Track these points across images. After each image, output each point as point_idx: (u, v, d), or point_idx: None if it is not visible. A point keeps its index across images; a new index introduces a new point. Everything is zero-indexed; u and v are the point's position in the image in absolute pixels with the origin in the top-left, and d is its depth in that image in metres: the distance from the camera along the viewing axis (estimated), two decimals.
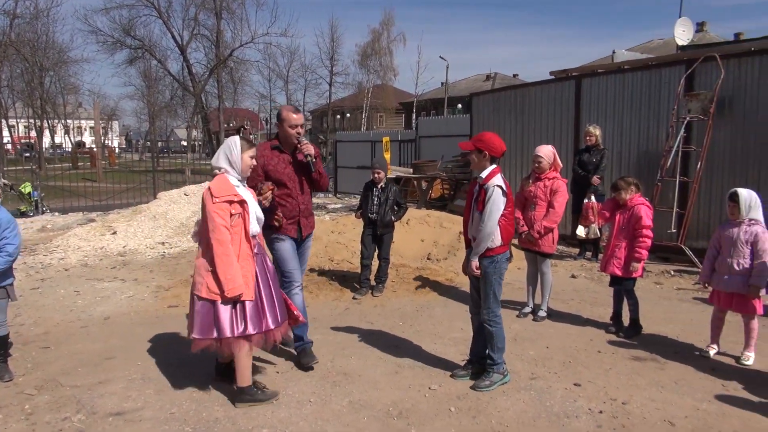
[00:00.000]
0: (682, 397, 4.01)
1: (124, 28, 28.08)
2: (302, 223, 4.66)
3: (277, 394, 3.95)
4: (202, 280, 3.71)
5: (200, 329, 3.72)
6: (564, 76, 10.06)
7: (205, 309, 3.71)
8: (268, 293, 3.88)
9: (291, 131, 4.49)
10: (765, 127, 7.40)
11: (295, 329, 4.54)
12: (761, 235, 4.46)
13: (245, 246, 3.77)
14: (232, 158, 3.80)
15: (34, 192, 15.50)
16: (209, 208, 3.67)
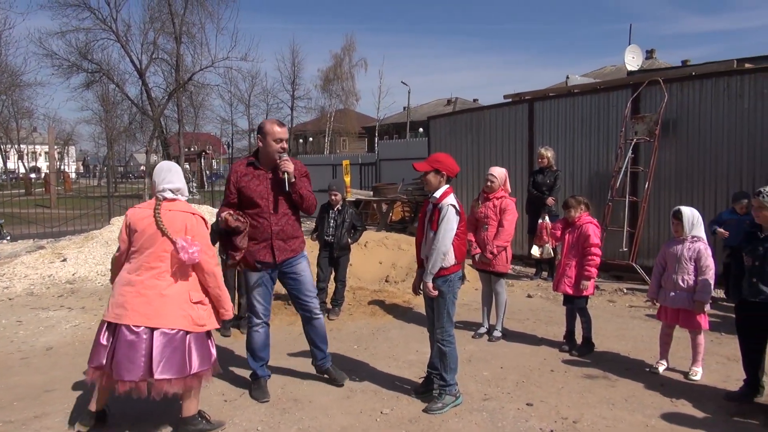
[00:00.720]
0: (632, 413, 4.04)
1: (80, 52, 27.50)
2: (276, 246, 4.24)
3: (223, 424, 3.82)
4: (185, 313, 3.50)
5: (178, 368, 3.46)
6: (517, 100, 10.28)
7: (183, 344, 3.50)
8: None
9: (275, 146, 4.17)
10: (707, 147, 7.68)
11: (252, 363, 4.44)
12: (704, 251, 4.58)
13: None
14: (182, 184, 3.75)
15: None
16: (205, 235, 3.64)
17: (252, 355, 4.43)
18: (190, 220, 3.58)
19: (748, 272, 4.08)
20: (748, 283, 4.06)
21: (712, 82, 7.63)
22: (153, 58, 27.87)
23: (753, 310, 4.04)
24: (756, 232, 4.09)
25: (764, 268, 3.95)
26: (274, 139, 4.19)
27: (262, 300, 4.37)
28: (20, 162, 49.19)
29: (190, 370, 3.49)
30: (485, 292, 5.96)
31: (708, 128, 7.67)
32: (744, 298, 4.11)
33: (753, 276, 4.02)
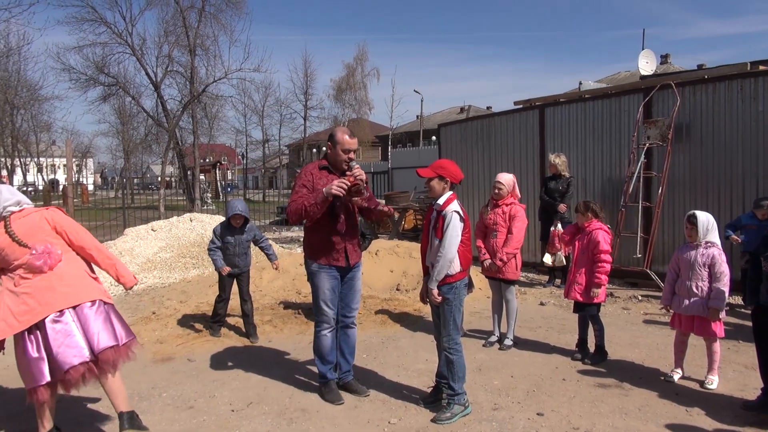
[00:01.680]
0: (645, 423, 3.95)
1: (97, 66, 27.90)
2: (349, 250, 4.38)
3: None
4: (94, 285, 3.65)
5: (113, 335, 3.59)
6: (528, 106, 10.21)
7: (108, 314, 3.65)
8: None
9: (343, 156, 4.25)
10: (721, 151, 7.56)
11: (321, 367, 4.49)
12: (718, 257, 4.48)
13: None
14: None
15: None
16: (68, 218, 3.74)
17: (321, 359, 4.45)
18: (45, 214, 3.64)
19: (766, 277, 3.98)
20: (766, 288, 3.96)
21: (725, 85, 7.51)
22: (168, 70, 28.18)
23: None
24: None
25: None
26: (343, 149, 4.27)
27: (333, 305, 4.42)
28: (39, 175, 49.95)
29: (120, 340, 3.55)
30: (495, 300, 5.89)
31: (722, 132, 7.55)
32: (762, 303, 4.01)
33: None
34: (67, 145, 32.81)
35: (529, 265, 9.69)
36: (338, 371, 4.60)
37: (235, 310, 6.72)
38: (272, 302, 7.48)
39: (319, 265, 4.33)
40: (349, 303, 4.52)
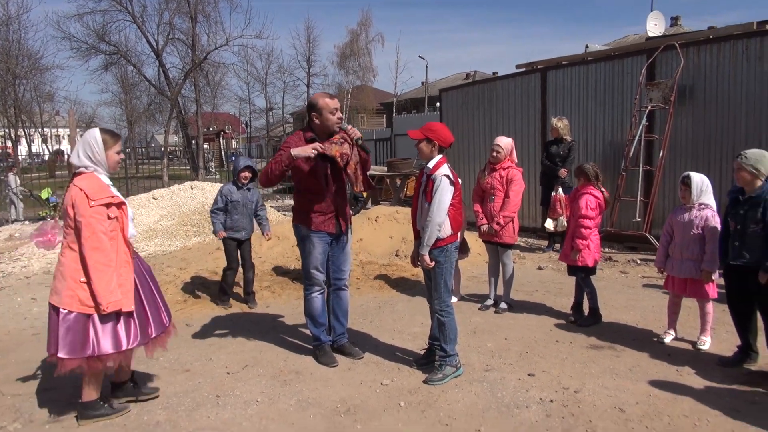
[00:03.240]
0: (635, 383, 3.98)
1: (98, 34, 27.61)
2: (340, 217, 4.39)
3: (126, 408, 3.70)
4: (71, 293, 3.32)
5: (71, 348, 3.33)
6: (530, 69, 10.06)
7: (78, 325, 3.34)
8: (150, 297, 3.63)
9: (333, 118, 4.17)
10: (724, 114, 7.44)
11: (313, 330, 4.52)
12: (711, 219, 4.46)
13: (123, 251, 3.46)
14: (96, 157, 3.44)
15: (52, 198, 15.72)
16: (84, 212, 3.29)
17: (313, 321, 4.49)
18: (72, 191, 3.37)
19: (732, 236, 4.09)
20: (732, 246, 4.07)
21: (730, 45, 7.35)
22: (169, 38, 27.87)
23: (738, 275, 4.06)
24: (739, 197, 4.07)
25: (745, 232, 3.96)
26: (330, 111, 4.19)
27: (323, 269, 4.42)
28: (44, 145, 50.02)
29: (93, 352, 3.35)
30: (492, 263, 5.90)
31: (726, 93, 7.42)
32: (729, 261, 4.11)
33: (735, 240, 4.04)
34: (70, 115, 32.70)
35: (529, 230, 9.69)
36: (332, 334, 4.65)
37: None
38: (271, 268, 7.52)
39: (309, 230, 4.33)
40: (340, 266, 4.54)
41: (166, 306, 3.82)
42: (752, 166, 3.92)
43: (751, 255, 3.93)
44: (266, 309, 6.05)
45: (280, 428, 3.47)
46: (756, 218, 3.90)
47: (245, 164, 6.00)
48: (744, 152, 4.01)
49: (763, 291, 3.90)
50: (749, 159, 3.94)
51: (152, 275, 3.81)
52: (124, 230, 3.47)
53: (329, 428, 3.46)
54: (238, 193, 5.96)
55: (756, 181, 3.94)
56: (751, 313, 4.15)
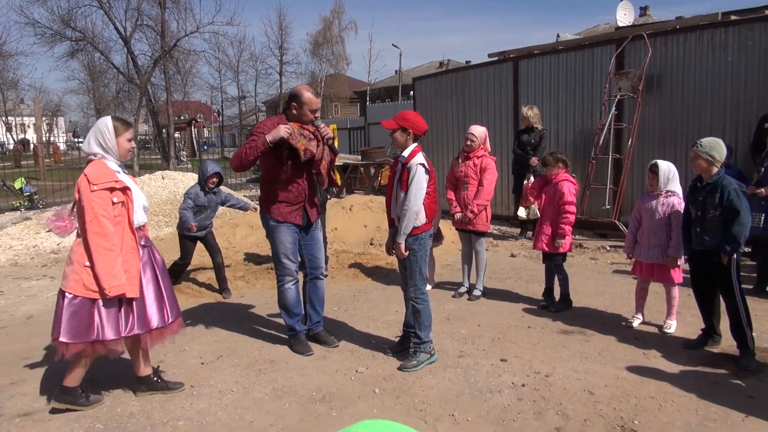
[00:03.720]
0: (604, 366, 4.08)
1: (63, 20, 26.84)
2: (308, 208, 4.41)
3: (181, 386, 3.78)
4: (77, 277, 3.34)
5: (75, 332, 3.34)
6: (502, 58, 10.12)
7: (83, 309, 3.35)
8: (156, 289, 3.61)
9: (310, 116, 4.22)
10: (690, 102, 7.61)
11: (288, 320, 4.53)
12: (678, 206, 4.57)
13: (129, 238, 3.45)
14: (107, 144, 3.44)
15: (27, 187, 15.37)
16: (87, 197, 3.30)
17: (287, 312, 4.50)
18: (79, 178, 3.39)
19: (693, 222, 4.22)
20: (693, 233, 4.20)
21: (696, 36, 7.51)
22: (137, 24, 27.25)
23: (701, 260, 4.20)
24: (697, 184, 4.20)
25: (705, 217, 4.09)
26: (311, 109, 4.23)
27: (294, 258, 4.43)
28: (8, 134, 48.68)
29: (97, 336, 3.37)
30: (465, 251, 5.96)
31: (691, 82, 7.58)
32: (692, 247, 4.25)
33: (697, 226, 4.16)
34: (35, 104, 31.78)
35: (501, 218, 9.80)
36: (308, 322, 4.66)
37: (207, 265, 6.73)
38: (245, 258, 7.49)
39: (276, 221, 4.33)
40: (314, 254, 4.56)
41: (174, 303, 3.75)
42: (707, 154, 4.03)
43: (712, 239, 4.06)
44: (240, 299, 6.03)
45: (255, 417, 3.47)
46: (714, 204, 4.02)
47: (214, 171, 6.00)
48: (699, 141, 4.12)
49: (724, 274, 4.03)
50: (704, 147, 4.06)
51: (163, 267, 3.75)
52: (130, 216, 3.45)
53: (305, 416, 3.48)
54: (205, 198, 5.99)
55: (712, 168, 4.06)
56: (714, 296, 4.29)
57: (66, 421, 3.46)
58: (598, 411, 3.44)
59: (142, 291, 3.53)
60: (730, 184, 3.99)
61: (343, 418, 3.44)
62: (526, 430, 3.26)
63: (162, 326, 3.60)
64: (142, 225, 3.60)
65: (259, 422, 3.41)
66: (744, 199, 3.99)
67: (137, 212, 3.53)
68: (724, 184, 4.00)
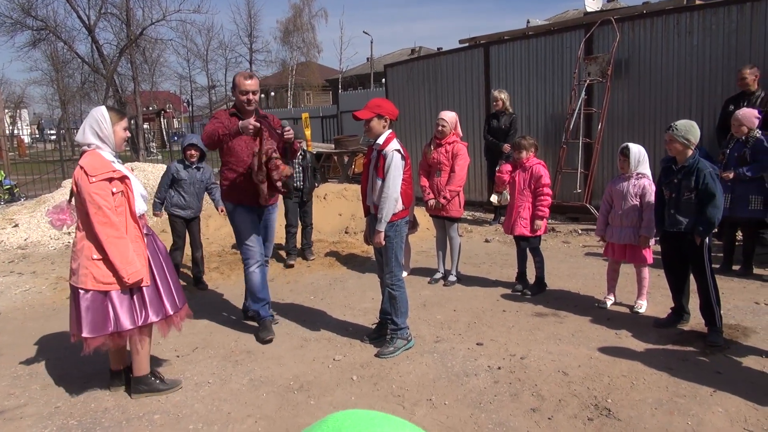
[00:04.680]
0: (577, 347, 4.16)
1: (23, 8, 26.02)
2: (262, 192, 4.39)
3: (179, 383, 3.74)
4: (86, 271, 3.31)
5: (93, 326, 3.32)
6: (473, 44, 10.13)
7: (96, 303, 3.33)
8: (163, 275, 3.59)
9: (241, 97, 4.35)
10: (658, 86, 7.73)
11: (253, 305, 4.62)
12: (648, 187, 4.66)
13: (132, 226, 3.43)
14: (103, 133, 3.42)
15: (7, 180, 15.13)
16: (86, 189, 3.26)
17: (252, 296, 4.58)
18: (75, 171, 3.38)
19: (667, 204, 4.27)
20: (667, 214, 4.26)
21: (662, 20, 7.61)
22: (101, 12, 26.58)
23: (674, 241, 4.27)
24: (672, 166, 4.26)
25: (680, 199, 4.15)
26: (240, 91, 4.37)
27: (255, 242, 4.52)
28: None
29: (114, 328, 3.37)
30: (439, 237, 5.99)
31: (658, 67, 7.70)
32: (665, 229, 4.31)
33: (671, 208, 4.22)
34: None
35: (475, 204, 9.86)
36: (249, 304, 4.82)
37: None
38: (219, 249, 7.42)
39: (234, 205, 4.47)
40: (264, 243, 4.69)
41: (180, 289, 3.76)
42: (683, 137, 4.09)
43: (687, 221, 4.13)
44: (216, 290, 5.97)
45: (233, 408, 3.46)
46: (690, 187, 4.08)
47: (189, 141, 5.93)
48: (674, 124, 4.16)
49: (697, 254, 4.12)
50: (680, 130, 4.10)
51: (166, 255, 3.75)
52: (131, 205, 3.42)
53: (283, 405, 3.48)
54: (185, 172, 5.86)
55: (687, 151, 4.12)
56: (686, 276, 4.39)
57: (38, 419, 3.40)
58: (572, 391, 3.50)
59: (155, 278, 3.53)
60: (705, 168, 4.05)
61: (321, 406, 3.45)
62: (502, 411, 3.30)
63: (175, 312, 3.60)
64: (142, 213, 3.57)
65: (237, 413, 3.39)
66: (718, 182, 4.06)
67: (137, 201, 3.49)
68: (699, 167, 4.06)
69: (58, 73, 37.76)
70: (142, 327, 3.47)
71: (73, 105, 45.41)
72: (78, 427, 3.29)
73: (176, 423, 3.31)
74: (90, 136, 3.43)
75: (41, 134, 68.28)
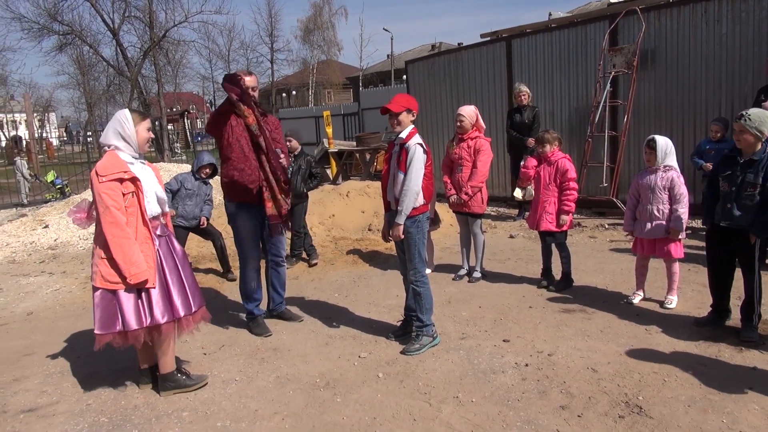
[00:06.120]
0: (606, 344, 4.09)
1: (49, 13, 26.57)
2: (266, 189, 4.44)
3: (205, 378, 3.78)
4: (96, 269, 3.38)
5: (102, 323, 3.37)
6: (495, 38, 10.04)
7: (104, 301, 3.38)
8: (176, 278, 3.58)
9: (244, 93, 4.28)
10: (685, 77, 7.57)
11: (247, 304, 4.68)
12: (677, 180, 4.55)
13: (142, 228, 3.43)
14: (125, 133, 3.45)
15: (58, 179, 15.75)
16: (96, 188, 3.31)
17: (246, 297, 4.64)
18: (91, 172, 3.41)
19: (723, 197, 4.00)
20: (722, 207, 4.00)
21: (689, 9, 7.44)
22: (125, 16, 26.98)
23: (724, 236, 4.04)
24: (735, 157, 3.97)
25: (741, 194, 3.87)
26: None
27: (255, 245, 4.57)
28: (0, 132, 48.34)
29: (122, 327, 3.39)
30: (463, 234, 5.95)
31: (686, 57, 7.53)
32: (716, 222, 4.06)
33: (728, 201, 3.95)
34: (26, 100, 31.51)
35: (499, 200, 9.79)
36: (271, 303, 4.90)
37: (207, 256, 6.71)
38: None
39: (237, 205, 4.44)
40: (275, 243, 4.70)
41: (197, 291, 3.73)
42: (756, 129, 3.76)
43: (744, 217, 3.85)
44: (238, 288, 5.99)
45: (260, 405, 3.47)
46: (755, 182, 3.78)
47: (209, 161, 6.18)
48: (747, 113, 3.81)
49: (748, 251, 3.89)
50: (753, 121, 3.75)
51: (184, 258, 3.72)
52: (142, 207, 3.43)
53: (309, 402, 3.48)
54: (194, 183, 6.10)
55: (757, 144, 3.81)
56: (731, 273, 4.15)
57: (70, 416, 3.45)
58: (602, 388, 3.44)
59: (166, 280, 3.52)
60: None
61: (348, 403, 3.45)
62: (531, 409, 3.26)
63: (188, 314, 3.59)
64: (156, 215, 3.58)
65: (264, 410, 3.41)
66: None
67: (150, 203, 3.50)
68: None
69: (84, 76, 38.44)
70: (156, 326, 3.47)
71: (99, 107, 46.20)
72: (109, 424, 3.33)
73: (204, 420, 3.33)
74: (112, 137, 3.47)
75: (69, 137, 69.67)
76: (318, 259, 6.72)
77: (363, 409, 3.36)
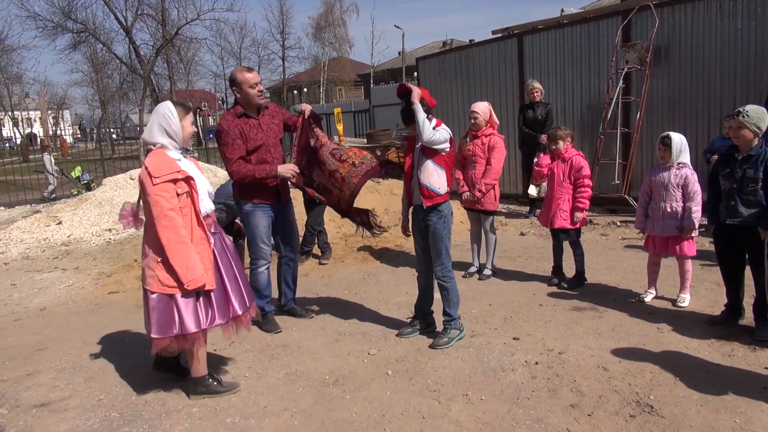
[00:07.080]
0: (617, 342, 4.05)
1: (63, 12, 26.85)
2: (280, 187, 4.51)
3: (237, 386, 3.65)
4: (152, 273, 3.26)
5: (159, 327, 3.27)
6: (506, 35, 9.98)
7: (161, 304, 3.27)
8: (232, 276, 3.52)
9: (252, 91, 4.30)
10: (699, 73, 7.48)
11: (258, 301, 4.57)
12: (690, 177, 4.51)
13: (197, 228, 3.33)
14: (171, 129, 3.28)
15: (85, 175, 16.05)
16: (151, 191, 3.17)
17: (258, 293, 4.60)
18: (141, 171, 3.27)
19: (725, 195, 4.00)
20: (725, 206, 3.99)
21: (704, 4, 7.35)
22: (138, 14, 27.22)
23: (731, 234, 4.03)
24: (733, 154, 3.99)
25: (742, 190, 3.88)
26: (249, 85, 4.33)
27: (268, 242, 4.60)
28: (15, 129, 48.89)
29: (179, 331, 3.30)
30: (474, 230, 5.93)
31: (700, 52, 7.44)
32: (722, 221, 4.04)
33: (731, 199, 3.95)
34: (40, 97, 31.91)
35: (510, 197, 9.74)
36: (283, 299, 4.93)
37: None
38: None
39: (253, 205, 4.45)
40: (288, 239, 4.73)
41: (248, 285, 3.70)
42: (755, 125, 3.77)
43: (748, 213, 3.84)
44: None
45: (269, 402, 3.48)
46: (756, 177, 3.79)
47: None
48: (744, 110, 3.82)
49: (757, 247, 3.85)
50: (751, 117, 3.76)
51: (235, 254, 3.66)
52: (196, 206, 3.33)
53: (318, 399, 3.49)
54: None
55: (755, 140, 3.82)
56: (741, 270, 4.13)
57: (82, 411, 3.48)
58: (612, 387, 3.42)
59: (222, 279, 3.45)
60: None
61: (357, 400, 3.45)
62: (540, 407, 3.24)
63: (244, 311, 3.55)
64: (209, 212, 3.50)
65: (273, 407, 3.42)
66: None
67: (203, 200, 3.40)
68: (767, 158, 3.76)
69: (98, 74, 38.82)
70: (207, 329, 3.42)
71: (113, 105, 46.60)
72: (119, 419, 3.35)
73: (214, 416, 3.35)
74: (158, 134, 3.30)
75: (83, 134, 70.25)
76: (330, 258, 6.71)
77: (372, 407, 3.36)
